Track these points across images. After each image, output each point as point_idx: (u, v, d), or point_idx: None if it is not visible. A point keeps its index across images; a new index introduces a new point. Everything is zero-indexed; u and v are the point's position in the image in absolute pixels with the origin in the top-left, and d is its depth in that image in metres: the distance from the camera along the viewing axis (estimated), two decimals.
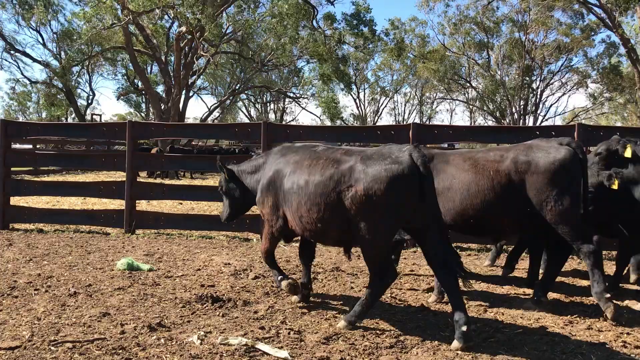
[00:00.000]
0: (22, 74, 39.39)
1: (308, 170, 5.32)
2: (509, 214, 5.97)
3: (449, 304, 5.05)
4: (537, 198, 5.74)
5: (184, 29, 27.12)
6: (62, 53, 36.73)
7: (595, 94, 44.59)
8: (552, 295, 6.70)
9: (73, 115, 40.59)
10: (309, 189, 5.21)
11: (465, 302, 6.15)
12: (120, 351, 4.45)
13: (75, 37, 33.81)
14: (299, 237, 5.93)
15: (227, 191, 6.57)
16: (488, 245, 9.67)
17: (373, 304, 5.24)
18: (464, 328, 4.70)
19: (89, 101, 45.62)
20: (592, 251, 5.64)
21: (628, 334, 5.18)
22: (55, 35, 36.80)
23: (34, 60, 35.69)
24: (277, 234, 5.84)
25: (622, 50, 31.30)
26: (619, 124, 47.52)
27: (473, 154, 6.27)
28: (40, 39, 38.03)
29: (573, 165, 5.74)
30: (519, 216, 5.94)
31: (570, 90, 45.68)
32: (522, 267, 8.37)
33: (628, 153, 6.44)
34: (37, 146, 27.11)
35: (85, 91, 45.42)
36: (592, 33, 38.59)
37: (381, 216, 4.85)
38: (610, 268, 7.79)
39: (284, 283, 5.92)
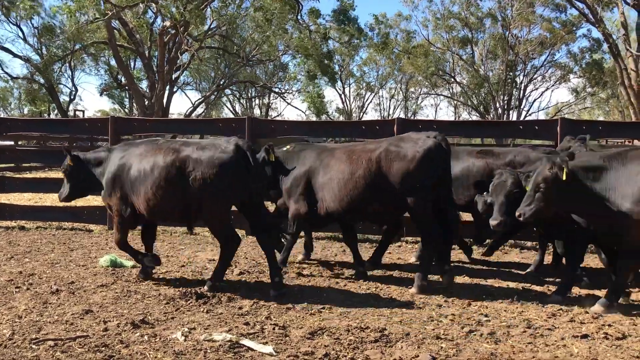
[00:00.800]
0: (1, 69, 38.70)
1: (152, 159, 6.17)
2: (383, 201, 6.49)
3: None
4: (403, 185, 6.27)
5: (168, 23, 26.87)
6: (44, 48, 36.24)
7: (578, 89, 45.00)
8: (536, 288, 6.76)
9: (56, 111, 40.11)
10: (154, 175, 6.09)
11: (450, 297, 6.21)
12: (103, 348, 4.41)
13: (58, 33, 33.36)
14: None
15: (69, 174, 7.16)
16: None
17: (227, 264, 6.44)
18: (277, 291, 6.06)
19: (72, 97, 45.10)
20: (430, 240, 6.42)
21: (609, 325, 5.23)
22: (36, 30, 36.29)
23: (15, 55, 35.16)
24: (128, 222, 6.60)
25: (605, 45, 31.61)
26: (601, 119, 48.05)
27: (352, 147, 6.84)
28: (20, 34, 37.39)
29: (437, 156, 6.28)
30: (393, 202, 6.45)
31: (553, 85, 46.07)
32: (507, 260, 8.44)
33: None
34: (19, 142, 26.76)
35: (67, 87, 44.88)
36: (574, 28, 38.88)
37: (216, 195, 5.94)
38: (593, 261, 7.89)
39: (146, 259, 6.73)
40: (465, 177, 7.66)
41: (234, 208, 6.46)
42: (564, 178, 5.50)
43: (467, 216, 8.75)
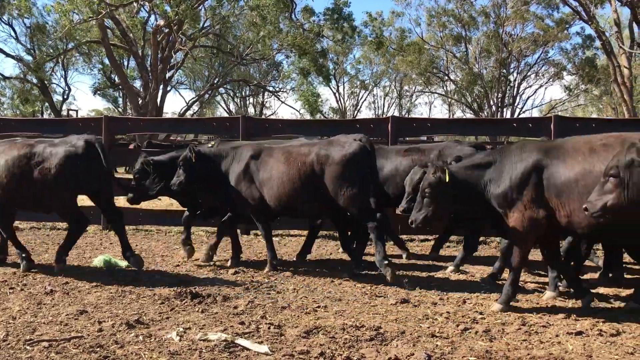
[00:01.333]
0: None
1: (8, 153, 6.92)
2: (316, 200, 7.02)
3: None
4: (333, 185, 6.80)
5: (161, 22, 26.78)
6: (36, 48, 36.06)
7: (571, 86, 45.11)
8: (530, 285, 6.78)
9: (49, 111, 39.90)
10: (7, 165, 6.84)
11: (446, 295, 6.23)
12: (98, 349, 4.38)
13: (51, 31, 33.19)
14: None
15: None
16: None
17: (72, 243, 7.30)
18: (128, 262, 7.20)
19: (65, 96, 44.93)
20: (375, 227, 6.69)
21: (604, 322, 5.25)
22: (28, 30, 36.07)
23: (7, 55, 34.98)
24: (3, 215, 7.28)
25: (598, 43, 31.70)
26: (594, 116, 48.17)
27: (289, 149, 7.31)
28: (13, 34, 37.17)
29: (362, 157, 6.79)
30: (325, 201, 6.96)
31: (547, 83, 46.17)
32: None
33: None
34: None
35: (60, 86, 44.70)
36: (567, 26, 38.97)
37: (63, 185, 6.79)
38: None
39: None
40: (394, 175, 7.98)
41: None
42: (447, 180, 5.70)
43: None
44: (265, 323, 5.07)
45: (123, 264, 7.56)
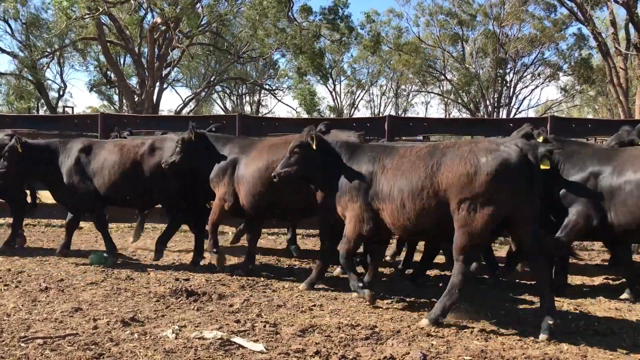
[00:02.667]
0: None
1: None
2: (144, 189, 7.57)
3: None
4: (155, 176, 7.45)
5: (159, 20, 26.69)
6: (32, 44, 35.88)
7: (567, 87, 45.18)
8: (526, 287, 6.79)
9: (45, 107, 39.74)
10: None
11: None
12: (93, 346, 4.37)
13: (50, 27, 33.03)
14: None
15: None
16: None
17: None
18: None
19: (61, 93, 44.73)
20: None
21: (598, 322, 5.26)
22: (24, 26, 35.90)
23: (2, 51, 34.83)
24: None
25: (593, 43, 31.76)
26: (590, 116, 48.27)
27: (122, 142, 7.84)
28: (8, 29, 36.97)
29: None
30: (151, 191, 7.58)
31: (543, 83, 46.22)
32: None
33: None
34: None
35: (56, 83, 44.50)
36: (564, 26, 39.05)
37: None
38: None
39: None
40: None
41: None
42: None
43: None
44: (261, 321, 5.06)
45: (117, 261, 7.56)
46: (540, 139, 6.45)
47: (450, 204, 4.95)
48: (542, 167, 5.01)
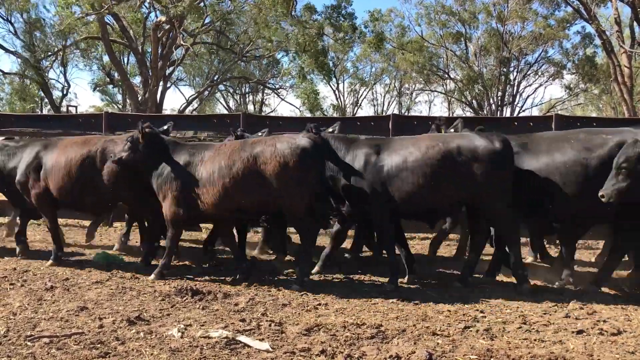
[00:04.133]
0: None
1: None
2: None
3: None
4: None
5: (162, 18, 26.69)
6: (35, 44, 35.92)
7: (571, 85, 45.04)
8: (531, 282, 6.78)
9: (48, 107, 39.79)
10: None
11: (446, 294, 6.25)
12: (99, 345, 4.38)
13: (54, 27, 33.09)
14: None
15: None
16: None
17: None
18: None
19: (64, 92, 44.77)
20: None
21: (604, 321, 5.25)
22: (28, 26, 35.94)
23: (6, 50, 34.89)
24: None
25: (598, 41, 31.67)
26: (594, 115, 48.11)
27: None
28: (12, 29, 37.01)
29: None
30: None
31: (547, 82, 46.08)
32: None
33: None
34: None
35: (60, 82, 44.53)
36: (568, 25, 38.92)
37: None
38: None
39: None
40: None
41: None
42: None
43: None
44: (266, 320, 5.06)
45: (121, 258, 7.57)
46: None
47: (267, 186, 6.21)
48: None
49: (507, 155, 6.31)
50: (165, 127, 7.77)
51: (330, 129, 7.56)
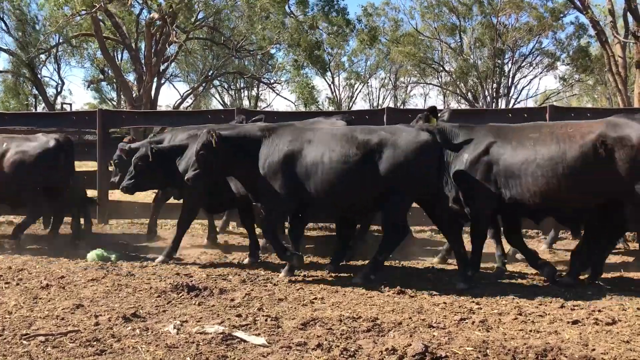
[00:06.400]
0: None
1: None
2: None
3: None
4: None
5: (155, 15, 26.58)
6: (28, 40, 35.71)
7: (565, 76, 45.07)
8: (526, 276, 6.80)
9: (42, 104, 39.63)
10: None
11: (442, 286, 6.26)
12: (95, 343, 4.37)
13: (47, 24, 32.93)
14: None
15: None
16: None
17: None
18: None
19: (59, 90, 44.59)
20: None
21: (599, 311, 5.28)
22: (20, 23, 35.72)
23: None
24: None
25: (592, 32, 31.66)
26: (589, 105, 48.17)
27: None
28: (4, 27, 36.78)
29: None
30: None
31: (541, 73, 46.12)
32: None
33: None
34: None
35: (54, 80, 44.36)
36: (561, 15, 38.92)
37: None
38: None
39: None
40: None
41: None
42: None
43: None
44: (262, 315, 5.07)
45: (115, 256, 7.56)
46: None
47: None
48: None
49: None
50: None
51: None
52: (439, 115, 7.27)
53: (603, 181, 5.87)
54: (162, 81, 36.29)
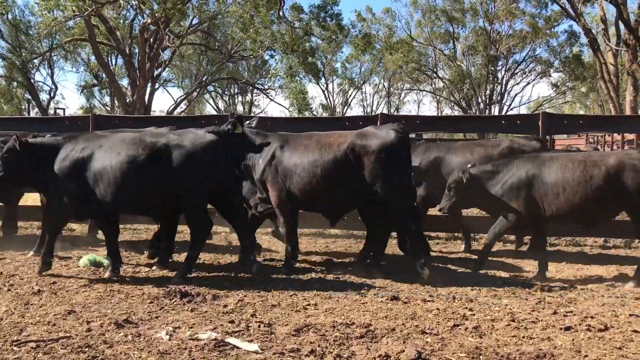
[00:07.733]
0: None
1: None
2: None
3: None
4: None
5: (149, 20, 26.59)
6: (21, 46, 35.64)
7: (558, 83, 45.37)
8: (518, 281, 6.81)
9: (36, 109, 39.53)
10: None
11: (434, 289, 6.28)
12: (87, 349, 4.34)
13: (39, 29, 32.89)
14: None
15: None
16: (457, 234, 9.79)
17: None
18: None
19: (52, 95, 44.49)
20: None
21: (592, 317, 5.29)
22: (13, 28, 35.64)
23: None
24: None
25: (584, 39, 31.93)
26: (581, 112, 48.50)
27: None
28: None
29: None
30: None
31: (534, 80, 46.41)
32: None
33: None
34: None
35: (47, 84, 44.26)
36: (555, 23, 39.24)
37: None
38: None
39: None
40: None
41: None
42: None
43: None
44: (255, 321, 5.05)
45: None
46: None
47: None
48: None
49: None
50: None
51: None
52: (248, 122, 7.93)
53: (354, 182, 6.82)
54: (156, 86, 36.30)
